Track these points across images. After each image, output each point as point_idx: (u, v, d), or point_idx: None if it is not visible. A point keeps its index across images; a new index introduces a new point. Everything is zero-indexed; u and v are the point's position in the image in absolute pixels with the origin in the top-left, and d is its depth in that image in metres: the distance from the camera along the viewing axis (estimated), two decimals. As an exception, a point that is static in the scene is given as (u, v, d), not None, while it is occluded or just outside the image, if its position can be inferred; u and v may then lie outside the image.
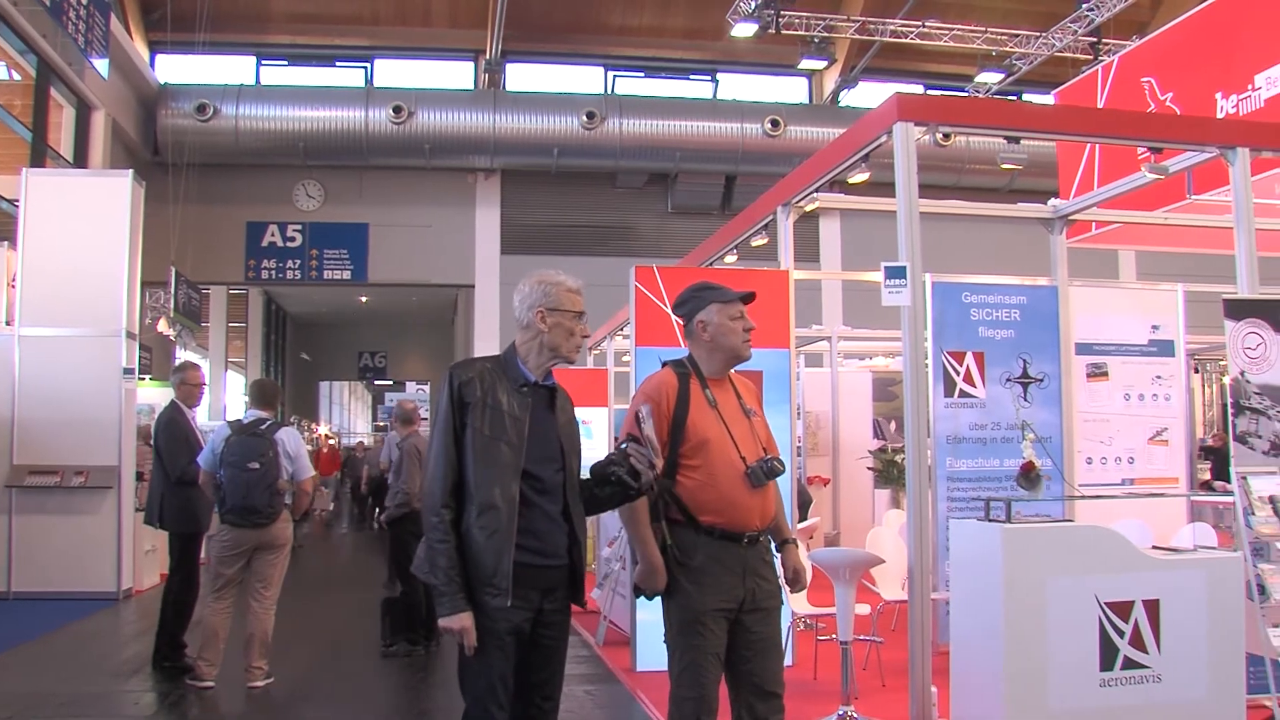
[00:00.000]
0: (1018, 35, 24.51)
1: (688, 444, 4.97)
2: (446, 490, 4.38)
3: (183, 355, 22.77)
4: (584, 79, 26.73)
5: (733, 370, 5.30)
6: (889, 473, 14.01)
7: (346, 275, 24.92)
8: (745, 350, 5.16)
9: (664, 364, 5.29)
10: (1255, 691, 6.60)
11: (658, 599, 5.00)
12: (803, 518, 12.03)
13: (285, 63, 26.15)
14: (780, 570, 5.21)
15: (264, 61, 26.07)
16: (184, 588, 9.44)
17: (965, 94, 25.52)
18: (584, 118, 23.90)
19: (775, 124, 24.42)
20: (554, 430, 4.56)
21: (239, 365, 30.93)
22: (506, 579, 4.28)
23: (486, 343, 24.94)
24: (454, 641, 4.31)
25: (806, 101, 27.58)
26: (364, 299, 31.38)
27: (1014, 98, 26.16)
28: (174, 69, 24.56)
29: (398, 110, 23.38)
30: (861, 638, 8.00)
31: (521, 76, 26.45)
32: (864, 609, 8.10)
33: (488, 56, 24.84)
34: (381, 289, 27.74)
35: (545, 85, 26.06)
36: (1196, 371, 19.94)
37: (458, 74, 26.46)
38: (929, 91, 26.80)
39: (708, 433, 4.98)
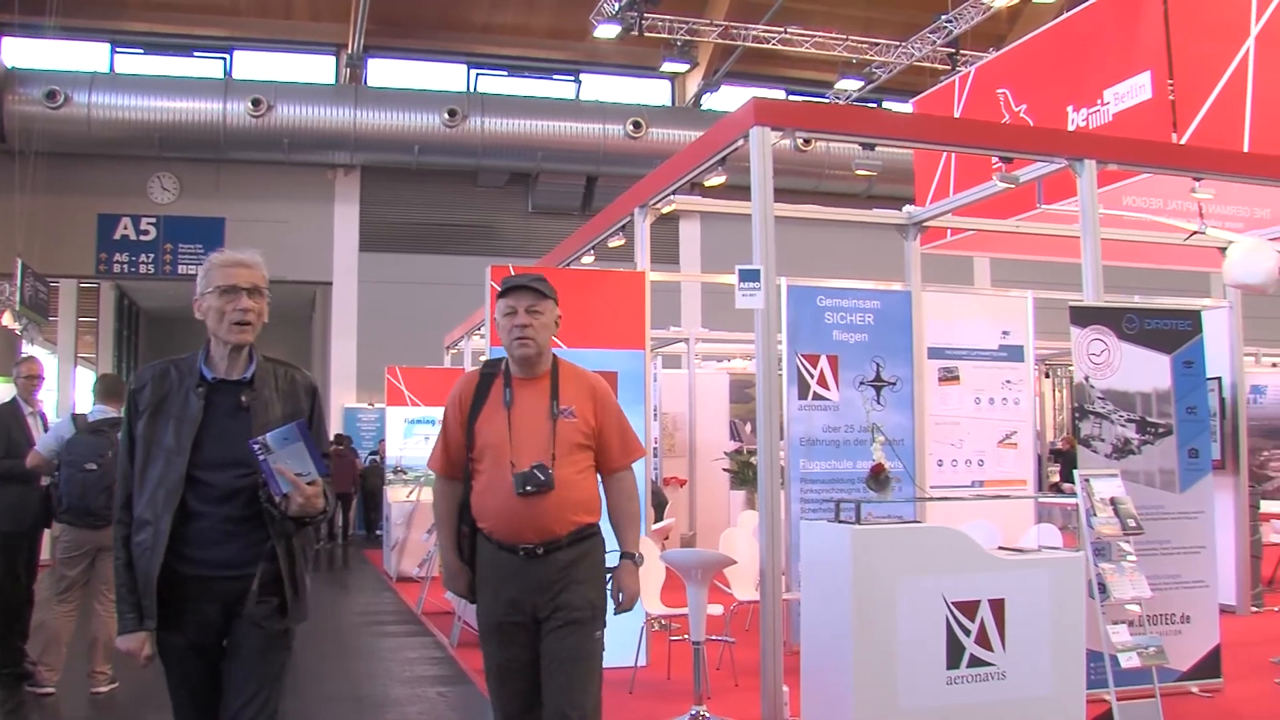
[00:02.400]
0: (878, 44, 24.85)
1: (475, 448, 4.75)
2: (119, 504, 4.14)
3: (29, 350, 22.12)
4: (447, 76, 26.48)
5: (575, 366, 4.98)
6: (744, 474, 14.12)
7: (202, 270, 24.42)
8: (515, 348, 4.75)
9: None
10: (1095, 686, 6.79)
11: None
12: (658, 518, 12.07)
13: (141, 51, 25.44)
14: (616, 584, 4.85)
15: (119, 49, 25.33)
16: (11, 590, 9.00)
17: (826, 100, 25.82)
18: (446, 115, 23.70)
19: (637, 126, 24.48)
20: (245, 430, 4.06)
21: (90, 361, 30.14)
22: (152, 600, 3.99)
23: (344, 341, 24.65)
24: (305, 644, 4.22)
25: (669, 104, 27.67)
26: (219, 295, 30.84)
27: (874, 105, 26.55)
28: (22, 53, 23.77)
29: (256, 103, 22.94)
30: (714, 638, 8.06)
31: (383, 72, 26.14)
32: (717, 609, 8.14)
33: (349, 51, 24.48)
34: (237, 286, 27.27)
35: (407, 81, 25.75)
36: (1047, 376, 20.44)
37: (318, 68, 26.03)
38: (791, 97, 27.04)
39: (491, 437, 4.72)
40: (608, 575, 4.83)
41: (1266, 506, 13.27)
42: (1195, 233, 10.05)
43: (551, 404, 4.76)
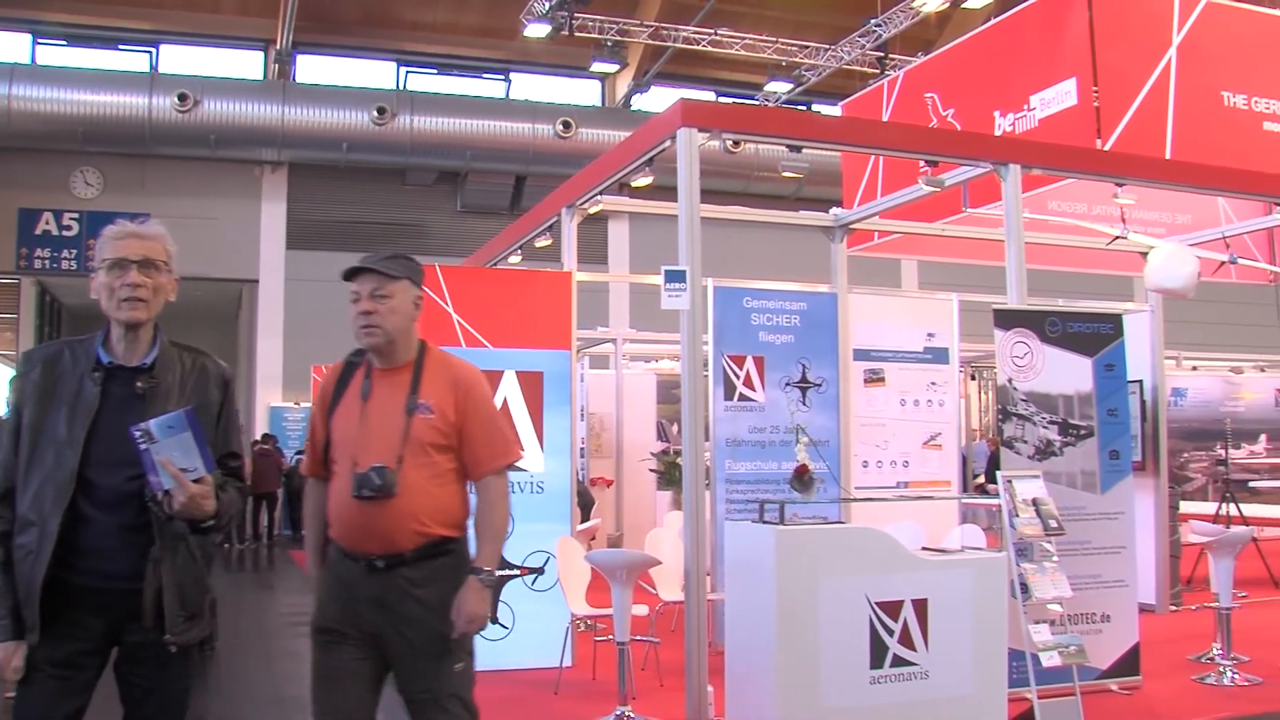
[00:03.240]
0: (808, 47, 24.98)
1: (331, 445, 4.32)
2: None
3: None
4: (376, 74, 26.30)
5: (447, 356, 4.51)
6: (671, 475, 14.13)
7: (126, 267, 24.07)
8: (361, 338, 4.28)
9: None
10: (1016, 685, 6.85)
11: None
12: (584, 519, 12.05)
13: (64, 43, 25.01)
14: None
15: (40, 40, 24.89)
16: None
17: (755, 102, 25.91)
18: (375, 113, 23.54)
19: (567, 126, 24.44)
20: (140, 422, 3.59)
21: (8, 359, 29.67)
22: (34, 612, 3.59)
23: (270, 339, 24.42)
24: (229, 646, 4.09)
25: (599, 104, 27.66)
26: (143, 292, 30.47)
27: (803, 107, 26.67)
28: (-62, 43, 23.41)
29: (183, 98, 22.64)
30: (639, 638, 8.05)
31: (312, 69, 25.91)
32: (642, 610, 8.14)
33: (278, 47, 24.26)
34: (163, 282, 26.94)
35: (336, 79, 25.55)
36: (973, 378, 20.60)
37: (246, 63, 25.77)
38: (720, 99, 27.10)
39: (343, 433, 4.28)
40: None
41: (1185, 507, 13.46)
42: (1117, 238, 10.17)
43: (409, 398, 4.25)
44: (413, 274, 4.43)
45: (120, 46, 25.48)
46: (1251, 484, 12.88)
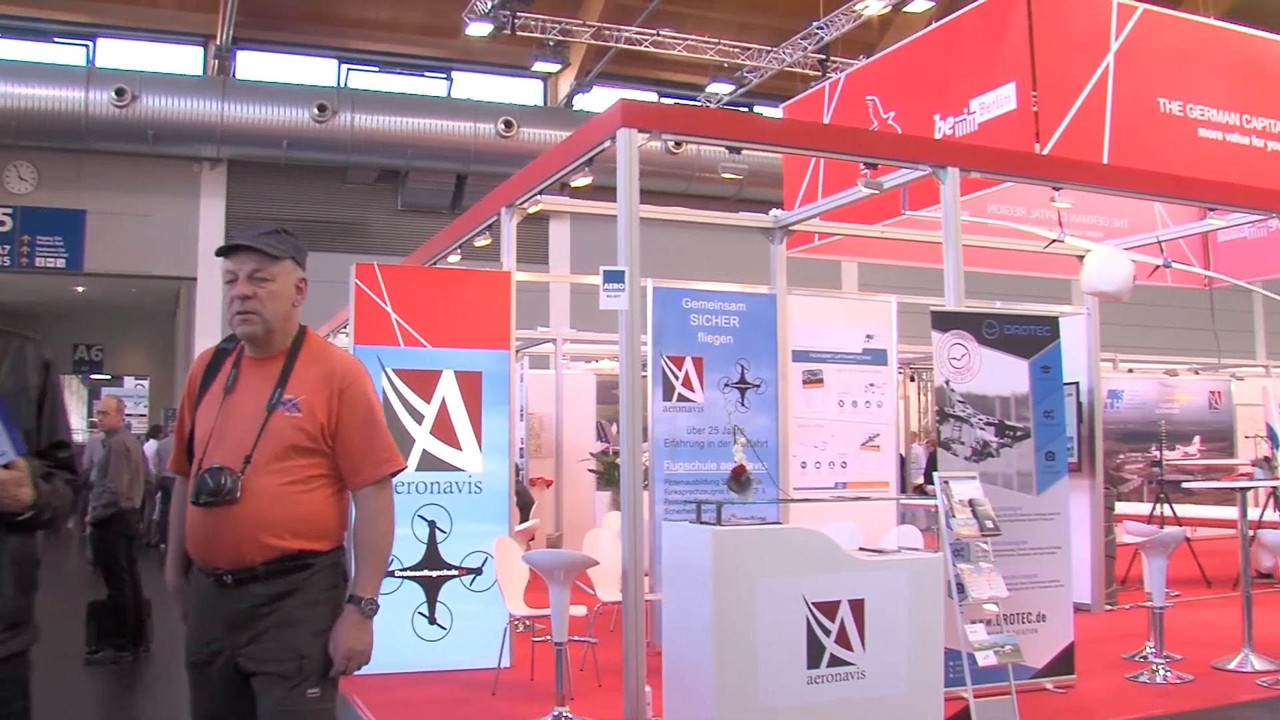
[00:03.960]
0: (750, 49, 25.03)
1: (193, 441, 3.85)
2: None
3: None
4: (317, 71, 26.09)
5: (328, 347, 4.04)
6: (609, 475, 14.14)
7: (61, 264, 23.68)
8: (236, 325, 3.80)
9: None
10: (953, 684, 6.89)
11: None
12: (524, 519, 12.04)
13: (-2, 36, 24.79)
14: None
15: (-28, 34, 24.66)
16: None
17: (697, 103, 25.96)
18: (316, 110, 23.35)
19: (508, 125, 24.35)
20: None
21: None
22: None
23: (208, 338, 24.11)
24: (167, 648, 3.88)
25: (541, 104, 27.60)
26: (80, 289, 30.06)
27: (745, 109, 26.74)
28: None
29: (120, 93, 22.33)
30: (577, 639, 8.04)
31: (252, 65, 25.67)
32: (580, 610, 8.12)
33: (218, 42, 24.02)
34: (99, 279, 26.52)
35: (277, 75, 25.34)
36: (913, 380, 20.72)
37: (185, 58, 25.46)
38: (662, 99, 27.16)
39: (199, 428, 3.83)
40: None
41: (1121, 508, 13.61)
42: (1054, 241, 10.26)
43: (273, 392, 3.77)
44: (296, 253, 3.99)
45: (56, 39, 25.10)
46: (1185, 485, 13.01)
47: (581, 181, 8.83)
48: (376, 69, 26.68)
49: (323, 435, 3.77)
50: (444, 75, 27.15)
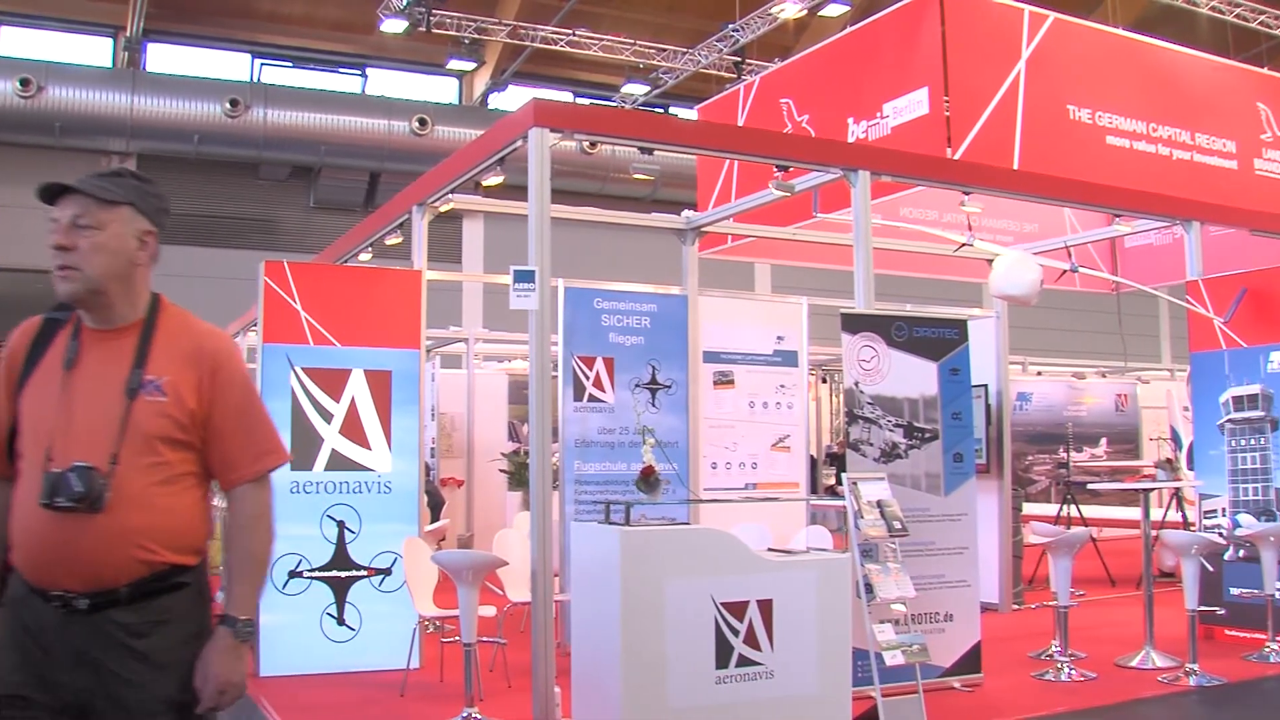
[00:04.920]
0: (665, 50, 25.08)
1: (19, 431, 3.15)
2: None
3: None
4: (229, 65, 25.75)
5: (190, 320, 3.35)
6: (520, 475, 14.08)
7: (-38, 258, 23.31)
8: (56, 283, 3.14)
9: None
10: (861, 684, 6.96)
11: None
12: (435, 519, 11.96)
13: (-103, 25, 24.21)
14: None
15: None
16: None
17: (613, 103, 25.96)
18: (227, 105, 23.04)
19: (423, 123, 24.19)
20: None
21: None
22: None
23: (117, 334, 23.76)
24: None
25: (456, 102, 27.46)
26: (-17, 284, 29.64)
27: (660, 110, 26.78)
28: None
29: (25, 83, 21.85)
30: (486, 639, 7.99)
31: (163, 57, 25.26)
32: (489, 611, 8.10)
33: (128, 33, 23.62)
34: (3, 274, 26.08)
35: (188, 68, 24.94)
36: (824, 382, 20.84)
37: (94, 49, 25.03)
38: (578, 100, 27.14)
39: (32, 416, 3.12)
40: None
41: (1029, 508, 13.78)
42: (964, 245, 10.35)
43: (131, 373, 3.10)
44: (140, 199, 3.32)
45: (-43, 29, 24.63)
46: (1090, 486, 13.20)
47: (493, 181, 8.80)
48: (290, 64, 26.39)
49: (193, 424, 3.14)
50: (359, 72, 26.93)
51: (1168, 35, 14.47)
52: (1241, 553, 9.78)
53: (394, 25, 22.73)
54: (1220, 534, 9.82)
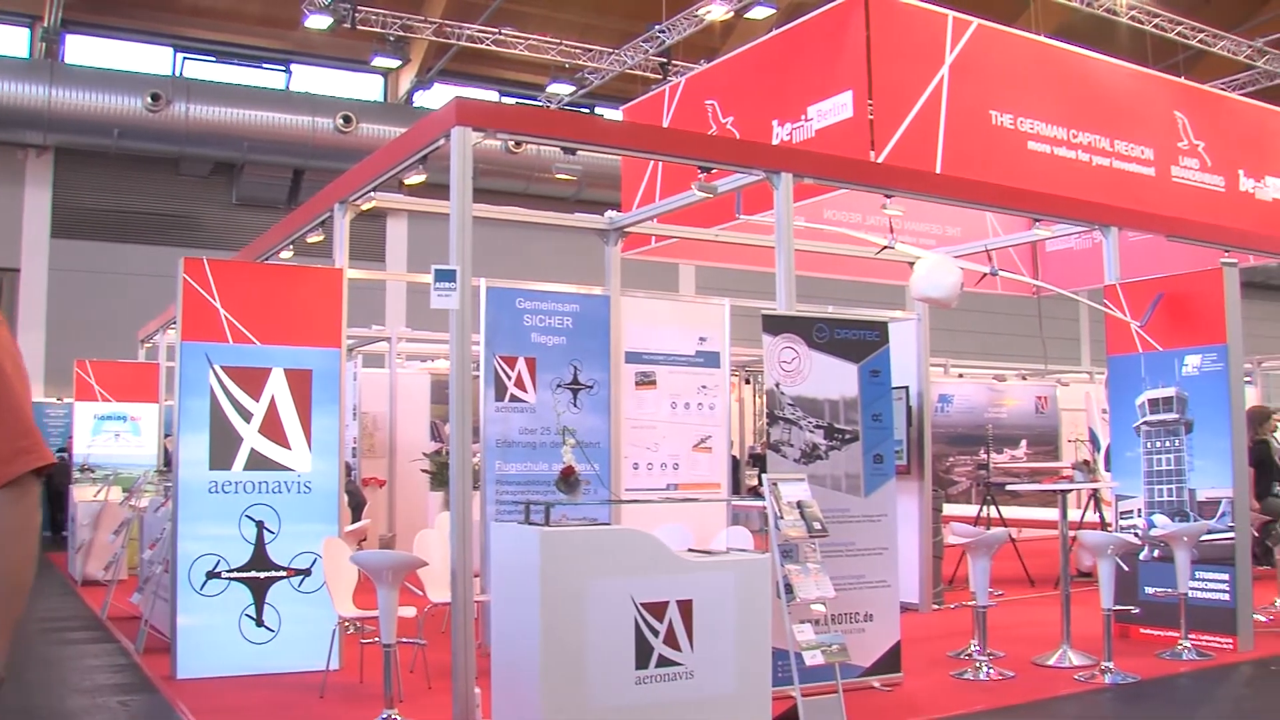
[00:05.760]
0: (591, 50, 25.09)
1: None
2: None
3: None
4: (151, 58, 25.46)
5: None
6: (442, 475, 14.01)
7: (-127, 253, 22.89)
8: None
9: None
10: (781, 684, 6.96)
11: None
12: (356, 519, 11.88)
13: None
14: None
15: None
16: None
17: (538, 103, 25.93)
18: (149, 99, 22.79)
19: (347, 120, 24.07)
20: None
21: None
22: None
23: (32, 331, 23.39)
24: None
25: (381, 100, 27.32)
26: (-105, 279, 29.15)
27: (586, 110, 26.78)
28: None
29: (-62, 76, 21.62)
30: (406, 640, 7.94)
31: (82, 49, 24.93)
32: (409, 611, 8.05)
33: (45, 24, 23.29)
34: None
35: (108, 61, 24.64)
36: (748, 383, 20.90)
37: (10, 40, 24.64)
38: (504, 99, 27.10)
39: None
40: None
41: (949, 509, 13.89)
42: (885, 247, 10.41)
43: None
44: None
45: None
46: (1010, 487, 13.33)
47: (415, 179, 8.74)
48: (213, 59, 26.15)
49: None
50: (283, 68, 26.74)
51: (1089, 43, 14.64)
52: (1156, 553, 9.91)
53: (318, 21, 22.59)
54: (1136, 534, 9.95)
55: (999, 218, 13.47)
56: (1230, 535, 9.57)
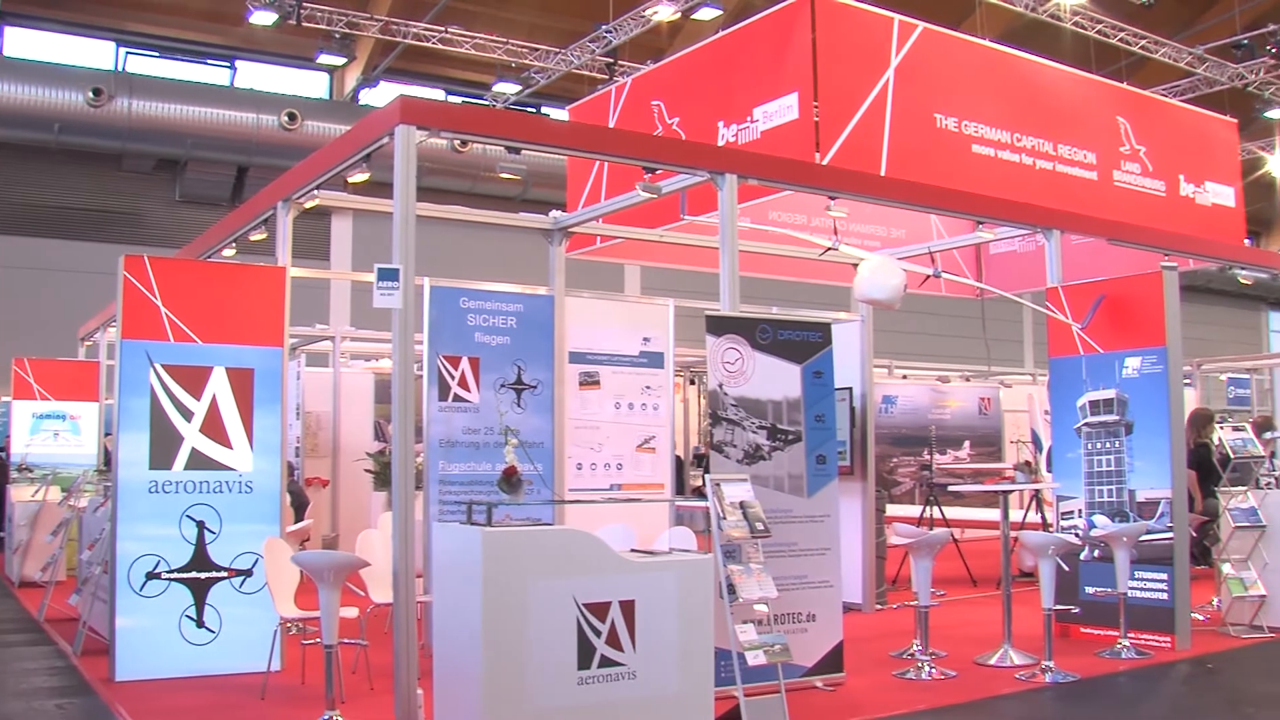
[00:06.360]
0: (538, 49, 25.05)
1: None
2: None
3: None
4: (93, 52, 25.14)
5: None
6: (385, 475, 13.94)
7: None
8: None
9: None
10: (723, 684, 6.98)
11: None
12: (299, 519, 11.82)
13: None
14: None
15: None
16: None
17: (485, 102, 25.86)
18: (90, 94, 22.48)
19: (292, 117, 23.88)
20: None
21: None
22: None
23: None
24: None
25: (327, 97, 27.14)
26: None
27: (532, 110, 26.75)
28: None
29: None
30: (348, 641, 7.90)
31: (22, 42, 24.56)
32: (352, 612, 8.01)
33: (-16, 17, 23.04)
34: None
35: (49, 55, 24.32)
36: (693, 383, 20.93)
37: (-53, 34, 24.38)
38: (450, 97, 27.02)
39: None
40: None
41: (892, 510, 13.97)
42: (829, 249, 10.46)
43: None
44: None
45: None
46: (953, 488, 13.43)
47: (359, 177, 8.69)
48: (156, 54, 25.86)
49: None
50: (227, 64, 26.48)
51: (1033, 48, 14.76)
52: (1096, 553, 10.01)
53: (263, 17, 22.40)
54: (1076, 535, 10.04)
55: (943, 220, 13.54)
56: (1169, 535, 9.67)
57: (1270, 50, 24.51)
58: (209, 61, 26.37)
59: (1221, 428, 11.02)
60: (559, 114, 20.97)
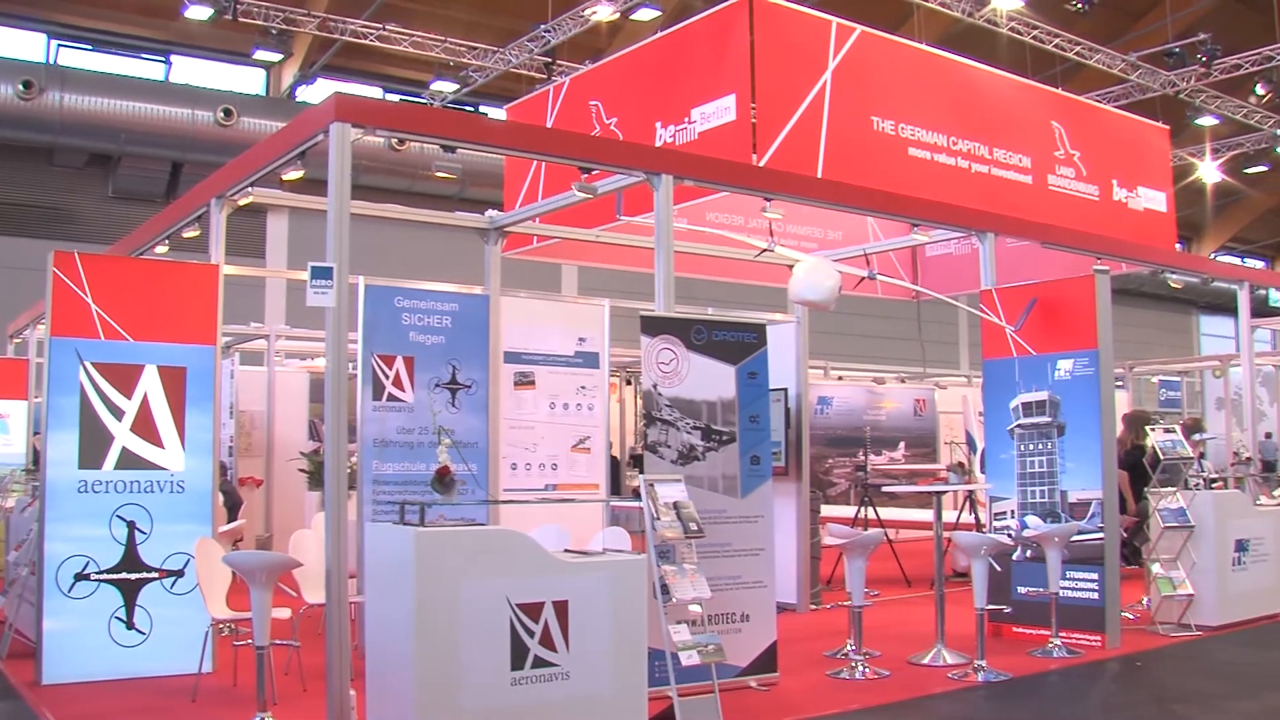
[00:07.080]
0: (476, 48, 24.97)
1: None
2: None
3: None
4: (23, 44, 24.77)
5: None
6: (319, 475, 13.86)
7: None
8: None
9: None
10: (657, 684, 6.99)
11: None
12: (232, 519, 11.72)
13: None
14: None
15: None
16: None
17: (422, 101, 25.75)
18: (20, 87, 22.15)
19: (228, 113, 23.66)
20: None
21: None
22: None
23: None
24: None
25: (263, 93, 26.92)
26: None
27: (470, 108, 26.66)
28: None
29: None
30: (280, 642, 7.85)
31: (-51, 35, 24.27)
32: (284, 613, 7.97)
33: (-90, 8, 22.64)
34: None
35: (-23, 48, 24.02)
36: (629, 383, 20.94)
37: (-128, 25, 23.92)
38: (388, 95, 26.90)
39: None
40: None
41: (828, 510, 14.03)
42: (765, 250, 10.49)
43: None
44: None
45: None
46: (887, 489, 13.52)
47: (293, 175, 8.63)
48: (90, 47, 25.51)
49: None
50: (162, 58, 26.19)
51: (970, 53, 14.88)
52: (1028, 553, 10.10)
53: (199, 12, 22.14)
54: (1009, 535, 10.13)
55: (879, 222, 13.63)
56: (1100, 536, 9.77)
57: (1200, 59, 24.85)
58: (143, 56, 26.07)
59: (1152, 430, 11.15)
60: (497, 113, 20.94)
